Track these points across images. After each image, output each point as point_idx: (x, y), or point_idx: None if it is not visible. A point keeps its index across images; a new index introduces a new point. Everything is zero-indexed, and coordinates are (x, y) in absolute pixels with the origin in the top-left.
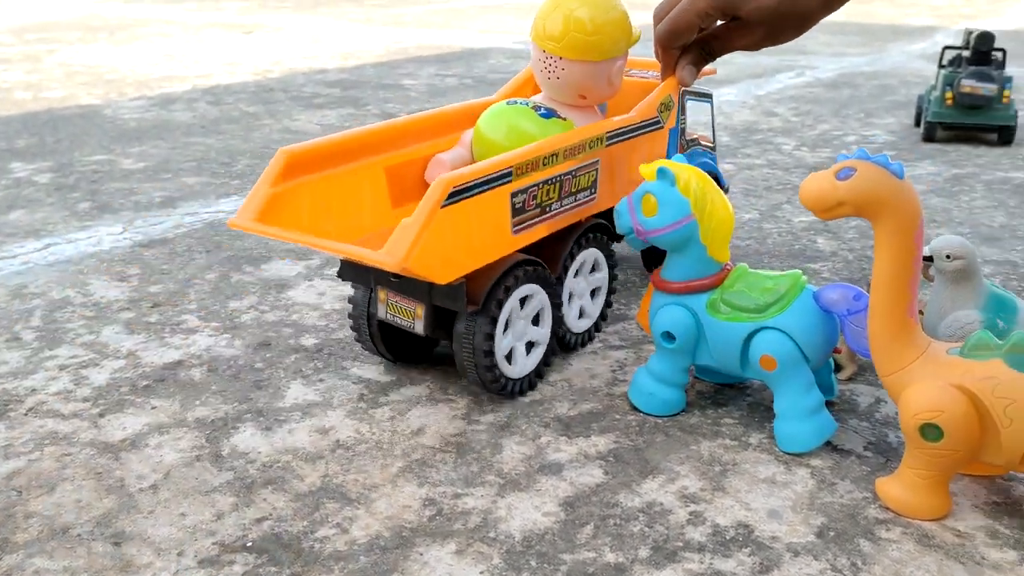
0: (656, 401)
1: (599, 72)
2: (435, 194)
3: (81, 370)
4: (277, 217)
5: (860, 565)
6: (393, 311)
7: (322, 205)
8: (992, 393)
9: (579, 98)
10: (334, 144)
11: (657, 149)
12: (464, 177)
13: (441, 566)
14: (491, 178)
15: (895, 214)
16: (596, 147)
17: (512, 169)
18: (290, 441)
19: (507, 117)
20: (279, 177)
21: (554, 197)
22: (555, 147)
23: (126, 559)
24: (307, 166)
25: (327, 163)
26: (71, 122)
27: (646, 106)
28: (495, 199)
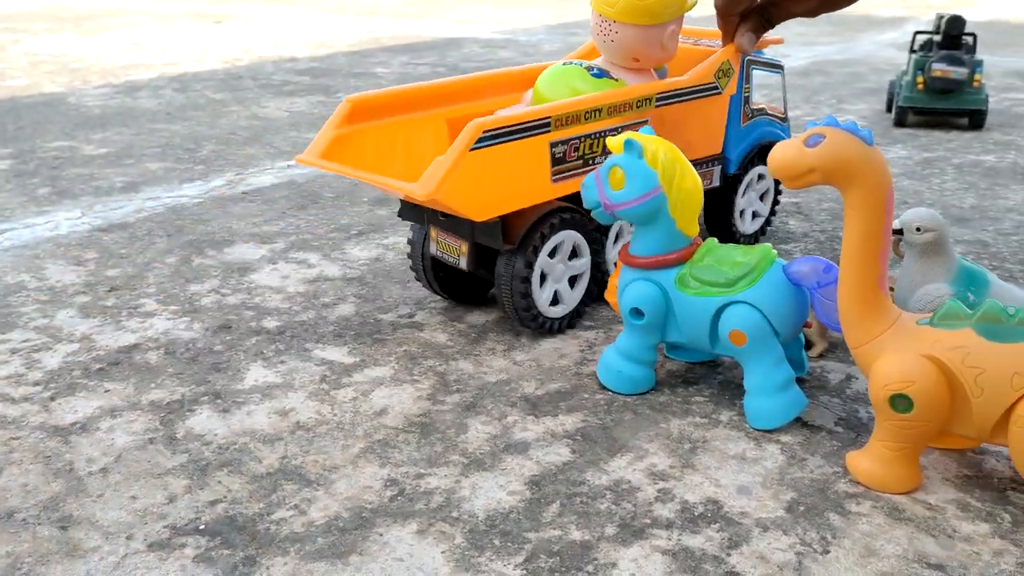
0: (624, 379)
1: (652, 36)
2: (466, 136)
3: (33, 354)
4: (340, 157)
5: (830, 539)
6: (442, 248)
7: (385, 150)
8: (962, 363)
9: (632, 61)
10: (398, 94)
11: (714, 114)
12: (496, 123)
13: (401, 546)
14: (526, 126)
15: (865, 181)
16: (645, 107)
17: (551, 119)
18: (248, 423)
19: (562, 76)
20: (344, 121)
21: (597, 151)
22: (598, 103)
23: (72, 543)
24: (370, 113)
25: (390, 111)
26: (33, 110)
27: (701, 71)
28: (532, 147)
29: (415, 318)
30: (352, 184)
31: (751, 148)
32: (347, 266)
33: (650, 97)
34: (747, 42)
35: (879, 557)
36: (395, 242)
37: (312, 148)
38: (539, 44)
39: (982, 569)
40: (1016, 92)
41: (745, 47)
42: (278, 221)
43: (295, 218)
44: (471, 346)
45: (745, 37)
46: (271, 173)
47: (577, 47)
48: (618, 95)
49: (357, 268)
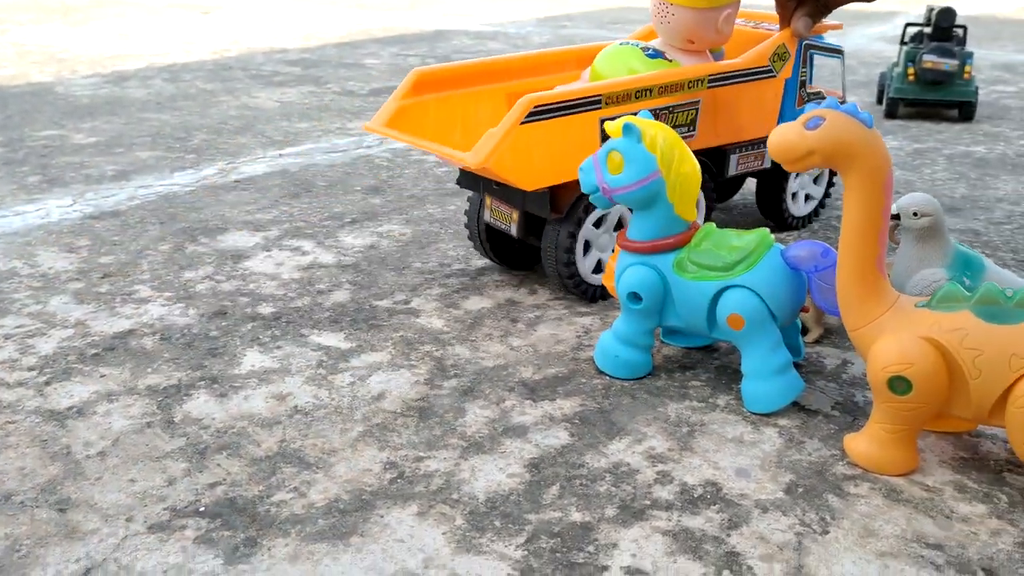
0: (622, 364)
1: (707, 19)
2: (518, 110)
3: (27, 339)
4: (404, 125)
5: (829, 520)
6: (495, 215)
7: (446, 121)
8: (961, 344)
9: (687, 43)
10: (463, 68)
11: (768, 97)
12: (547, 99)
13: (402, 528)
14: (577, 103)
15: (864, 163)
16: (697, 88)
17: (602, 97)
18: (246, 407)
19: (619, 56)
20: (409, 92)
21: None
22: (649, 82)
23: (71, 525)
24: (435, 85)
25: (453, 85)
26: (21, 99)
27: (755, 54)
28: (582, 123)
29: (411, 304)
30: (345, 173)
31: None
32: (341, 253)
33: (702, 78)
34: (803, 27)
35: (878, 537)
36: (389, 230)
37: (378, 117)
38: (528, 36)
39: (979, 549)
40: (1004, 84)
41: (801, 31)
42: (271, 209)
43: (288, 206)
44: (467, 332)
45: (801, 22)
46: (263, 162)
47: (567, 40)
48: (670, 75)
49: (351, 255)
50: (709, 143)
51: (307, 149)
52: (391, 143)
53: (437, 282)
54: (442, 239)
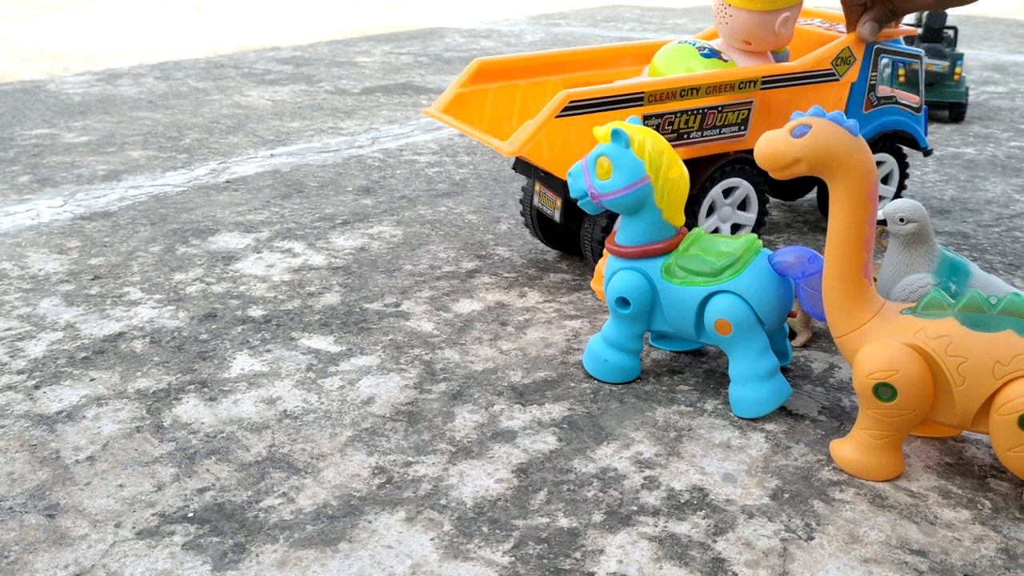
0: (611, 368)
1: (765, 21)
2: (555, 103)
3: (16, 342)
4: (461, 112)
5: (814, 526)
6: (543, 200)
7: (503, 110)
8: (946, 351)
9: (744, 43)
10: (524, 60)
11: (830, 100)
12: (584, 94)
13: (390, 533)
14: (616, 99)
15: (850, 171)
16: (748, 88)
17: (644, 95)
18: (235, 411)
19: (677, 54)
20: (469, 80)
21: (694, 127)
22: (696, 82)
23: (60, 531)
24: (495, 75)
25: (513, 75)
26: (12, 97)
27: (815, 57)
28: (623, 118)
29: (401, 307)
30: (337, 173)
31: (872, 135)
32: (332, 255)
33: (755, 79)
34: (868, 31)
35: (862, 543)
36: (380, 231)
37: (438, 102)
38: (521, 35)
39: (963, 555)
40: (994, 85)
41: (866, 36)
42: (262, 210)
43: (279, 207)
44: (457, 335)
45: (867, 26)
46: (255, 162)
47: (559, 38)
48: (718, 76)
49: (342, 257)
50: None
51: (299, 149)
52: (383, 143)
53: (427, 285)
54: (433, 241)
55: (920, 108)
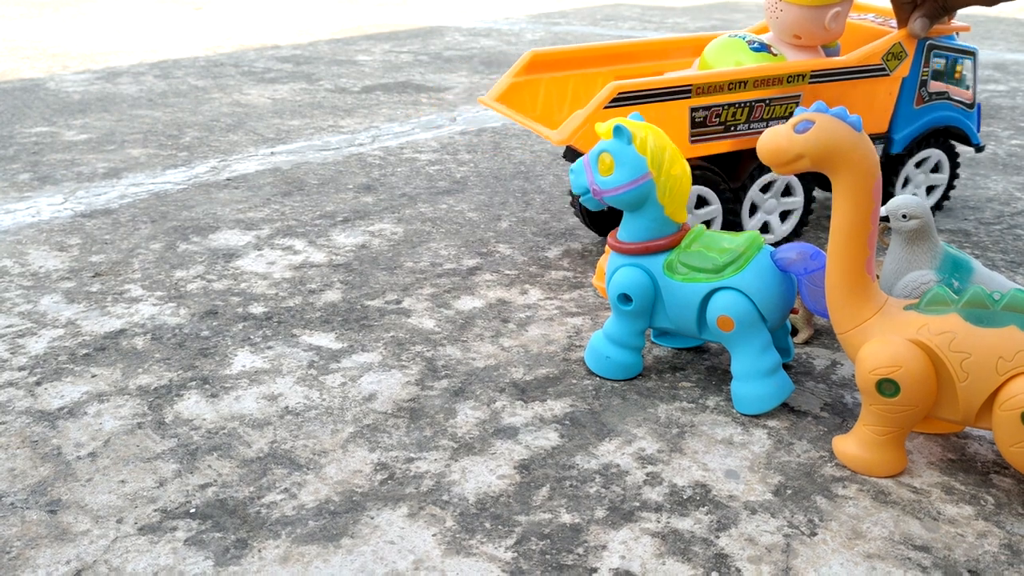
0: (612, 365)
1: (814, 17)
2: (603, 95)
3: (17, 339)
4: (513, 101)
5: (817, 521)
6: None
7: (555, 100)
8: (949, 347)
9: (795, 38)
10: (576, 51)
11: (880, 94)
12: (632, 86)
13: (392, 529)
14: (663, 91)
15: (854, 167)
16: (796, 82)
17: (691, 87)
18: (237, 408)
19: (727, 48)
20: (522, 71)
21: (741, 119)
22: (744, 75)
23: (62, 527)
24: (548, 66)
25: (566, 66)
26: (12, 95)
27: (865, 52)
28: (670, 110)
29: (402, 304)
30: (337, 171)
31: (922, 130)
32: (333, 252)
33: (803, 73)
34: (919, 27)
35: (865, 539)
36: (381, 229)
37: (492, 91)
38: (521, 33)
39: (966, 550)
40: (995, 84)
41: (917, 32)
42: (263, 208)
43: (280, 205)
44: (458, 332)
45: (918, 23)
46: (255, 160)
47: (560, 37)
48: (765, 70)
49: (343, 255)
50: None
51: (299, 147)
52: (383, 141)
53: (428, 282)
54: (434, 238)
55: (973, 104)
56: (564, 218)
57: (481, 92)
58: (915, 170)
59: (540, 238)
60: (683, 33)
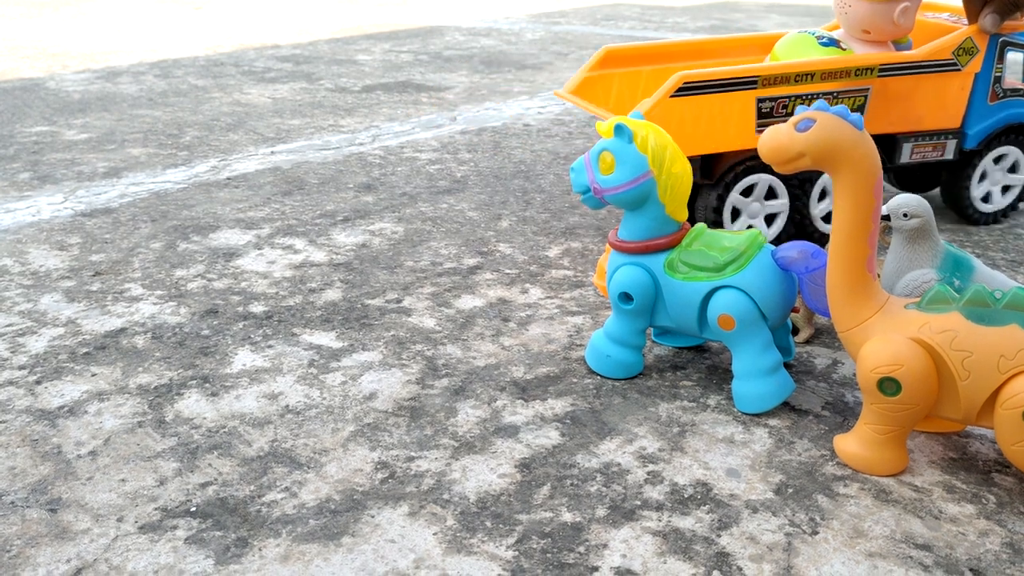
0: (613, 364)
1: (883, 12)
2: (669, 84)
3: (17, 338)
4: (588, 95)
5: (818, 520)
6: None
7: (627, 94)
8: (950, 346)
9: (863, 33)
10: (649, 48)
11: (952, 89)
12: (698, 76)
13: (393, 528)
14: (729, 82)
15: (855, 166)
16: (865, 76)
17: (758, 78)
18: (237, 407)
19: (797, 43)
20: (597, 65)
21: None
22: (810, 67)
23: (62, 525)
24: (621, 61)
25: (638, 61)
26: (12, 95)
27: (935, 47)
28: (736, 100)
29: (402, 303)
30: (337, 170)
31: (997, 127)
32: (333, 252)
33: (871, 67)
34: (990, 24)
35: (867, 538)
36: (381, 228)
37: (567, 85)
38: (521, 33)
39: (968, 549)
40: None
41: (988, 28)
42: (263, 207)
43: (280, 204)
44: (459, 331)
45: (988, 19)
46: (255, 159)
47: (560, 36)
48: (833, 63)
49: (343, 254)
50: (879, 130)
51: (299, 146)
52: (383, 141)
53: (429, 281)
54: (434, 237)
55: None
56: (564, 217)
57: (482, 91)
58: (993, 166)
59: (540, 237)
60: (681, 33)
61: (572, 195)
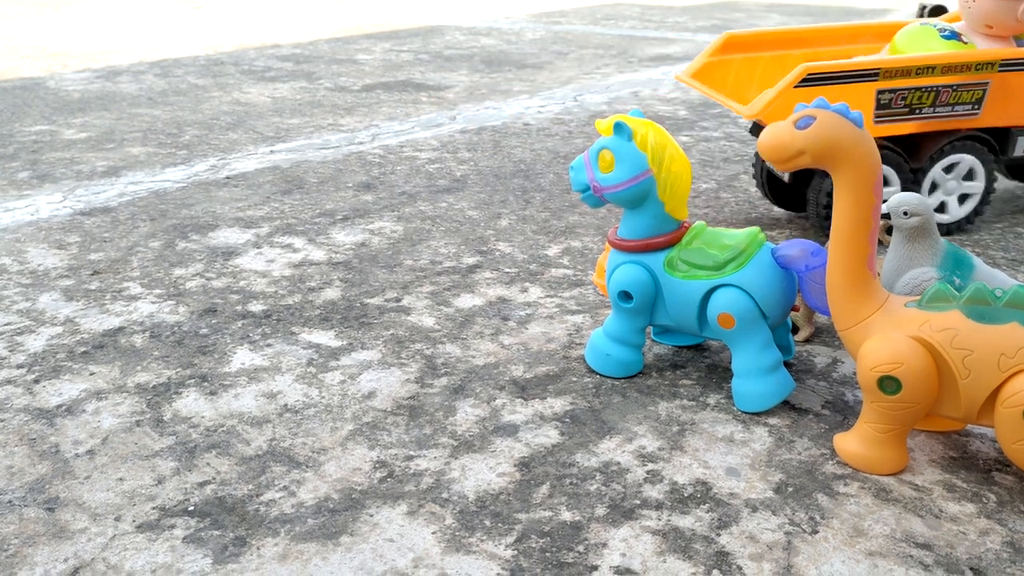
0: (613, 362)
1: (1007, 8)
2: (793, 75)
3: (16, 337)
4: (708, 79)
5: (819, 519)
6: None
7: (744, 79)
8: (951, 344)
9: (986, 27)
10: (769, 34)
11: None
12: (822, 68)
13: (392, 527)
14: (851, 74)
15: (855, 164)
16: (985, 70)
17: (879, 71)
18: (235, 406)
19: (918, 35)
20: (717, 51)
21: (926, 103)
22: (931, 61)
23: (60, 524)
24: (741, 47)
25: (758, 48)
26: (12, 94)
27: None
28: (856, 91)
29: (402, 302)
30: (337, 169)
31: None
32: (332, 250)
33: (992, 62)
34: None
35: (867, 537)
36: (380, 227)
37: (687, 69)
38: (521, 32)
39: (969, 548)
40: None
41: None
42: (262, 206)
43: (279, 203)
44: (458, 330)
45: None
46: (255, 158)
47: (560, 36)
48: (953, 57)
49: (343, 253)
50: (995, 123)
51: (299, 145)
52: (383, 140)
53: (428, 280)
54: (433, 236)
55: None
56: (564, 216)
57: (482, 90)
58: None
59: (540, 236)
60: (683, 32)
61: (572, 194)
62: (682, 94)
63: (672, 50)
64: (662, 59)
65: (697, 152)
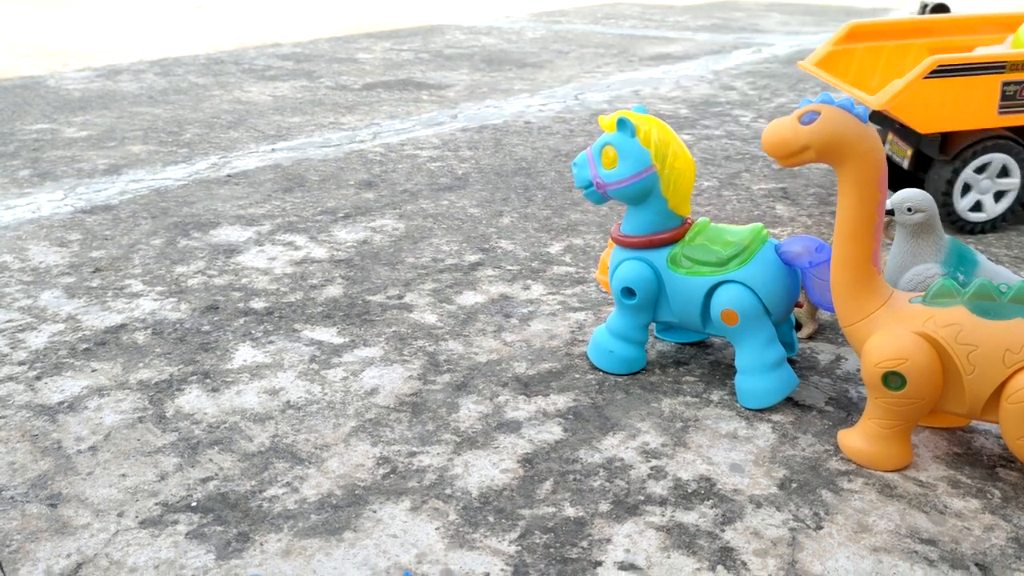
0: (616, 359)
1: None
2: (923, 67)
3: (17, 334)
4: (831, 67)
5: (823, 515)
6: (893, 148)
7: (867, 68)
8: (955, 340)
9: None
10: (893, 24)
11: None
12: (951, 60)
13: (395, 523)
14: (979, 66)
15: (859, 159)
16: None
17: (1007, 63)
18: (238, 402)
19: None
20: (841, 40)
21: None
22: None
23: (62, 520)
24: (865, 36)
25: (881, 37)
26: (12, 93)
27: None
28: (983, 83)
29: (404, 299)
30: (338, 167)
31: None
32: (334, 248)
33: None
34: None
35: (872, 533)
36: (382, 225)
37: (810, 58)
38: (522, 31)
39: (973, 544)
40: None
41: None
42: (264, 204)
43: (281, 201)
44: (461, 327)
45: None
46: (256, 156)
47: (560, 35)
48: None
49: (344, 250)
50: None
51: (300, 143)
52: (384, 138)
53: (430, 277)
54: (435, 234)
55: None
56: (566, 214)
57: (483, 89)
58: None
59: (542, 233)
60: (683, 32)
61: (574, 192)
62: (683, 93)
63: (672, 49)
64: (662, 58)
65: (699, 150)
